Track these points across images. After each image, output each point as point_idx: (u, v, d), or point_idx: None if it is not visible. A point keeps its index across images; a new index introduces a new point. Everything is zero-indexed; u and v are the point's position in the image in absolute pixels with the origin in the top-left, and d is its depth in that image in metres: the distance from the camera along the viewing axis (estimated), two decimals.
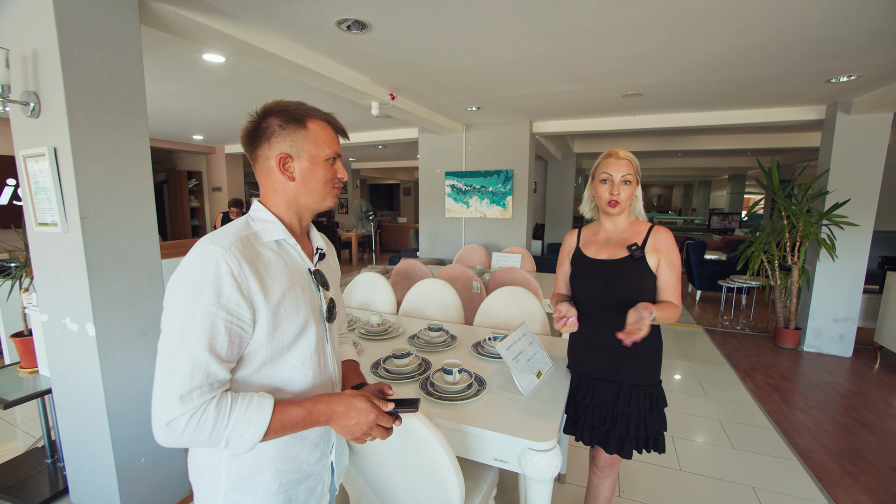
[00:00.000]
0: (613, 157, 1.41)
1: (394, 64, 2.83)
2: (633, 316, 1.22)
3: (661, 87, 3.31)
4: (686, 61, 2.72)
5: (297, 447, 0.83)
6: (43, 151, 1.52)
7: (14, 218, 4.67)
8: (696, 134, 6.26)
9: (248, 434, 0.69)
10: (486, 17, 2.11)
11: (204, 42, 2.16)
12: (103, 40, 1.54)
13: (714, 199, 14.21)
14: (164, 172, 8.11)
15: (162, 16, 1.83)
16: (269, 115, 0.84)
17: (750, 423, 2.64)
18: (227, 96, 3.85)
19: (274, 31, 2.27)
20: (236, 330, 0.72)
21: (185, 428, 0.66)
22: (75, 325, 1.61)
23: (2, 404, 1.76)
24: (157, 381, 0.67)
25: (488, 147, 5.04)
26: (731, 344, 4.10)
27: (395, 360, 1.66)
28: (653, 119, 4.32)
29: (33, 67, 1.51)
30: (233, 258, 0.72)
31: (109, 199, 1.58)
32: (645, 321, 1.19)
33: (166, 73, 3.14)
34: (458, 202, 5.34)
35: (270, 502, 0.80)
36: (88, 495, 1.79)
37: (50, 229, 1.58)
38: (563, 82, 3.23)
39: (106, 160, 1.57)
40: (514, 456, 1.23)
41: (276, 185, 0.86)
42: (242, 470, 0.79)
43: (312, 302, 0.87)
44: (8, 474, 2.07)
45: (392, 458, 1.10)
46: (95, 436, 1.67)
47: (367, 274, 2.74)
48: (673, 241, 1.39)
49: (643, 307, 1.21)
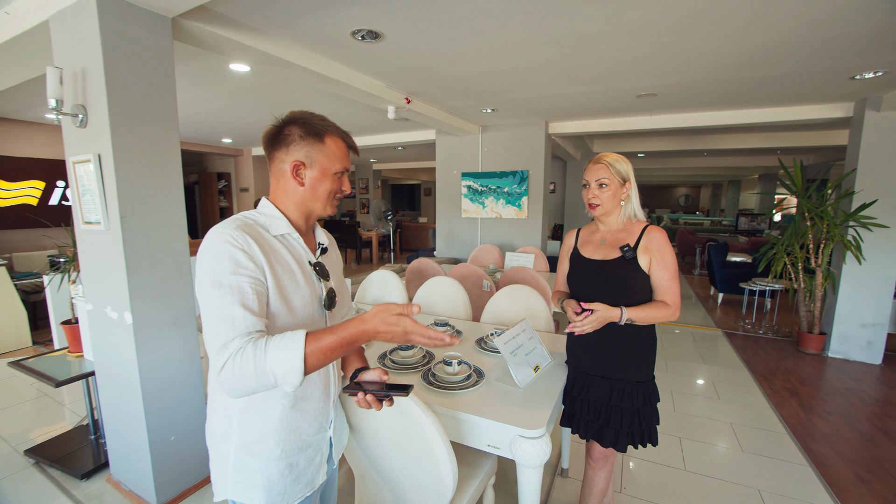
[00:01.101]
0: (593, 162, 1.47)
1: (408, 70, 2.94)
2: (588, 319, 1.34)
3: (676, 88, 3.28)
4: (698, 62, 2.70)
5: (298, 419, 0.94)
6: (89, 157, 1.70)
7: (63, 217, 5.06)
8: (720, 133, 6.11)
9: (287, 362, 0.74)
10: (493, 25, 2.18)
11: (230, 54, 2.33)
12: (141, 57, 1.71)
13: (744, 200, 13.71)
14: (196, 174, 8.54)
15: (192, 32, 1.99)
16: (292, 123, 0.94)
17: (762, 427, 2.61)
18: (253, 102, 4.07)
19: (294, 42, 2.42)
20: (259, 289, 0.83)
21: (232, 370, 0.74)
22: (115, 314, 1.79)
23: (53, 383, 1.97)
24: (208, 345, 0.78)
25: (504, 148, 5.10)
26: (750, 348, 4.01)
27: (401, 352, 1.76)
28: (670, 119, 4.27)
29: (82, 83, 1.69)
30: (238, 235, 0.84)
31: (144, 201, 1.75)
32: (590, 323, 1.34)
33: (197, 81, 3.36)
34: (475, 202, 5.41)
35: (274, 465, 0.91)
36: (126, 469, 1.98)
37: (94, 227, 1.76)
38: (576, 84, 3.26)
39: (142, 165, 1.74)
40: (506, 443, 1.30)
41: (287, 188, 0.96)
42: (249, 435, 0.90)
43: (313, 291, 0.97)
44: (57, 448, 2.29)
45: (390, 438, 1.20)
46: (132, 415, 1.85)
47: (381, 272, 2.86)
48: (665, 240, 1.43)
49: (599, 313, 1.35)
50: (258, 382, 0.76)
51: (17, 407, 2.86)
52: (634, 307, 1.37)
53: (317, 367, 0.78)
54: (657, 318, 1.38)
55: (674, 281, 1.41)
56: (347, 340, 0.80)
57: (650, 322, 1.40)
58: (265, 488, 0.90)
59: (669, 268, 1.41)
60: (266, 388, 0.77)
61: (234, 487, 0.91)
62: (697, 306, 5.53)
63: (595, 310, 1.34)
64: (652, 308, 1.38)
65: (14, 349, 3.86)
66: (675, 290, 1.41)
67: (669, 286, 1.41)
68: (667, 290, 1.41)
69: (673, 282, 1.41)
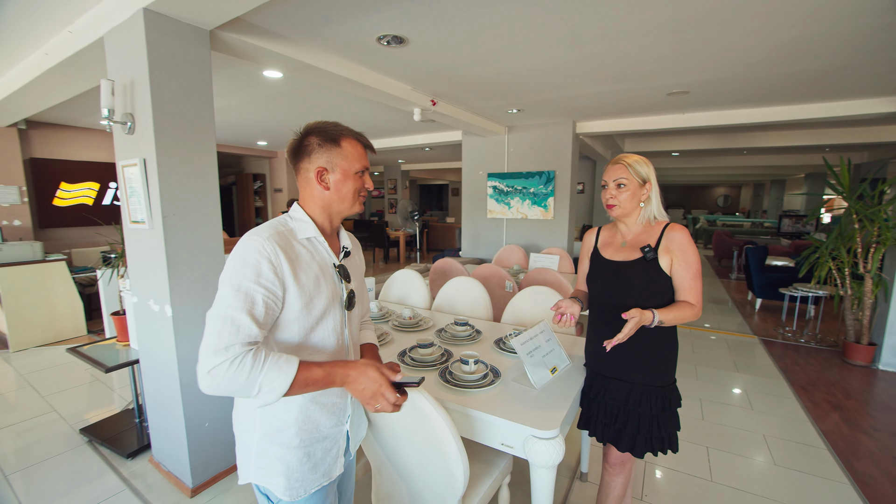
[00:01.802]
0: (612, 163, 1.45)
1: (432, 73, 2.98)
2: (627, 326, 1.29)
3: (708, 85, 3.16)
4: (729, 58, 2.60)
5: (317, 412, 1.00)
6: (135, 161, 1.84)
7: (114, 216, 5.45)
8: (760, 130, 5.80)
9: (277, 382, 0.82)
10: (514, 27, 2.19)
11: (263, 62, 2.45)
12: (182, 68, 1.84)
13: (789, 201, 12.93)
14: (234, 175, 8.96)
15: (229, 42, 2.12)
16: (310, 134, 1.00)
17: (798, 441, 2.48)
18: (286, 106, 4.24)
19: (323, 48, 2.52)
20: (270, 302, 0.88)
21: (226, 372, 0.79)
22: (157, 307, 1.93)
23: (103, 369, 2.15)
24: (206, 338, 0.83)
25: (530, 148, 5.06)
26: (790, 357, 3.80)
27: (420, 350, 1.81)
28: (704, 116, 4.10)
29: (131, 94, 1.83)
30: (270, 246, 0.90)
31: (184, 202, 1.88)
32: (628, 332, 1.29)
33: (233, 88, 3.55)
34: (500, 203, 5.40)
35: (292, 453, 0.97)
36: (165, 450, 2.13)
37: (140, 226, 1.91)
38: (601, 83, 3.20)
39: (182, 168, 1.87)
40: (519, 442, 1.32)
41: (314, 193, 1.02)
42: (271, 424, 0.96)
43: (335, 291, 1.03)
44: (106, 428, 2.49)
45: (404, 433, 1.24)
46: (171, 401, 1.99)
47: (404, 271, 2.92)
48: (687, 238, 1.39)
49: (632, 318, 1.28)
50: (240, 389, 0.81)
51: (74, 389, 3.12)
52: (664, 309, 1.34)
53: (297, 393, 0.86)
54: (684, 318, 1.35)
55: (696, 280, 1.38)
56: (331, 380, 0.90)
57: (677, 323, 1.37)
58: (285, 474, 0.96)
59: (692, 267, 1.37)
60: (243, 396, 0.83)
61: (257, 472, 0.98)
62: (733, 312, 5.28)
63: (631, 317, 1.28)
64: (679, 309, 1.35)
65: (72, 337, 4.21)
66: (698, 289, 1.38)
67: (692, 286, 1.37)
68: (690, 289, 1.37)
69: (696, 281, 1.38)
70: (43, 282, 4.02)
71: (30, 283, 3.93)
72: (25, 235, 4.63)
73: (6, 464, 2.25)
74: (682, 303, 1.37)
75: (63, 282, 4.14)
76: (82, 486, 2.07)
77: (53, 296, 4.08)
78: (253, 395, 0.82)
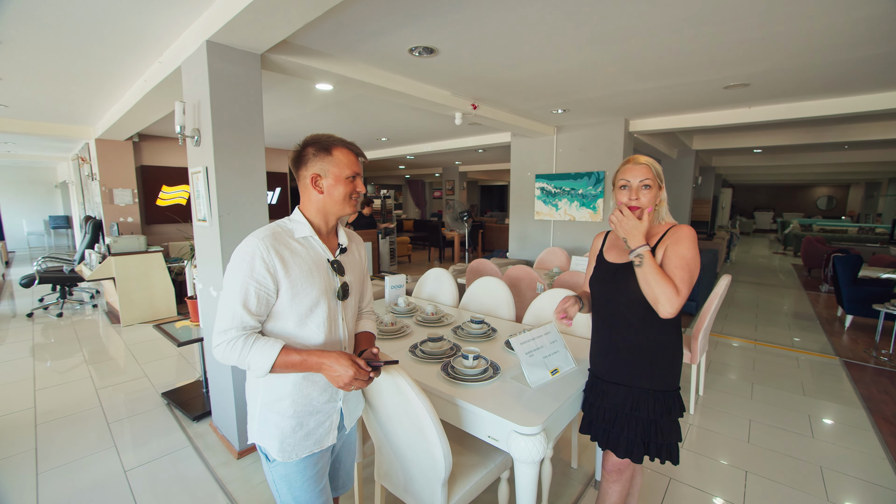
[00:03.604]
0: (632, 162, 1.43)
1: (466, 78, 3.07)
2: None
3: (772, 75, 2.86)
4: (792, 45, 2.35)
5: (309, 388, 1.15)
6: (200, 169, 2.18)
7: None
8: (860, 121, 5.04)
9: (261, 362, 1.01)
10: (541, 31, 2.20)
11: (311, 77, 2.72)
12: (237, 89, 2.14)
13: None
14: None
15: (279, 63, 2.40)
16: (307, 145, 1.16)
17: (866, 479, 2.17)
18: (340, 114, 4.59)
19: (361, 62, 2.73)
20: (262, 294, 1.06)
21: (224, 350, 1.02)
22: (215, 293, 2.26)
23: (176, 343, 2.55)
24: (216, 321, 1.06)
25: (579, 148, 4.92)
26: (880, 384, 3.29)
27: (430, 343, 1.92)
28: (775, 110, 3.69)
29: (198, 112, 2.17)
30: (263, 245, 1.07)
31: (236, 203, 2.19)
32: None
33: (293, 101, 3.94)
34: (548, 205, 5.32)
35: (287, 421, 1.13)
36: (220, 417, 2.47)
37: (203, 224, 2.25)
38: (647, 79, 3.05)
39: (235, 174, 2.17)
40: (504, 436, 1.37)
41: (310, 197, 1.18)
42: (270, 394, 1.13)
43: (328, 283, 1.17)
44: (181, 394, 2.94)
45: (395, 415, 1.36)
46: (223, 376, 2.31)
47: (436, 270, 3.05)
48: (687, 235, 1.33)
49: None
50: (236, 363, 1.04)
51: (162, 360, 3.70)
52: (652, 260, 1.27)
53: (281, 372, 1.06)
54: (659, 287, 1.25)
55: (682, 270, 1.28)
56: (307, 365, 1.05)
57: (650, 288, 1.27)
58: (279, 438, 1.13)
59: (682, 258, 1.29)
60: (242, 368, 1.05)
61: (258, 434, 1.16)
62: (816, 329, 4.66)
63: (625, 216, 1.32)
64: (663, 275, 1.25)
65: (165, 317, 4.95)
66: (682, 278, 1.27)
67: (675, 273, 1.27)
68: (671, 275, 1.27)
69: (681, 270, 1.28)
70: (146, 269, 4.78)
71: (136, 271, 4.71)
72: (135, 230, 5.54)
73: (110, 413, 2.77)
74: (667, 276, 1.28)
75: (160, 270, 4.90)
76: (158, 438, 2.48)
77: (153, 281, 4.84)
78: (246, 369, 1.02)
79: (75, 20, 2.09)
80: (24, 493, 2.03)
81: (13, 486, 2.09)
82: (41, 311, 5.18)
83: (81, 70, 2.88)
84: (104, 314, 5.15)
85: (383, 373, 1.28)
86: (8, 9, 1.94)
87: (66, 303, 5.38)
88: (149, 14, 2.04)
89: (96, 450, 2.38)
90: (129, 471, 2.20)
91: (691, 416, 2.75)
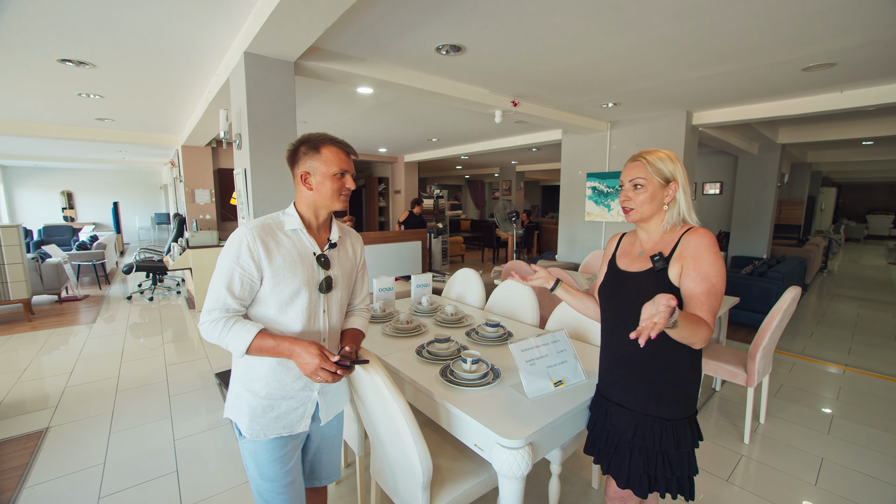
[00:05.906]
0: (630, 160, 1.29)
1: (502, 74, 2.99)
2: (649, 309, 0.94)
3: (864, 51, 2.40)
4: (887, 9, 1.95)
5: (283, 373, 1.20)
6: (241, 171, 2.37)
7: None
8: None
9: (238, 343, 1.07)
10: (564, 19, 2.07)
11: (348, 82, 2.84)
12: (272, 95, 2.30)
13: None
14: (363, 179, 10.24)
15: (313, 69, 2.53)
16: (300, 143, 1.21)
17: None
18: (387, 116, 4.73)
19: (392, 63, 2.78)
20: (246, 280, 1.13)
21: (207, 328, 1.09)
22: None
23: None
24: (205, 302, 1.13)
25: (635, 144, 4.56)
26: None
27: (437, 344, 1.89)
28: (878, 92, 3.08)
29: (238, 118, 2.37)
30: (251, 235, 1.13)
31: (270, 202, 2.35)
32: (661, 314, 0.90)
33: (339, 105, 4.14)
34: (599, 205, 5.01)
35: (258, 402, 1.19)
36: None
37: (243, 221, 2.45)
38: (702, 66, 2.73)
39: (270, 175, 2.33)
40: (489, 446, 1.31)
41: (302, 193, 1.23)
42: (248, 374, 1.20)
43: (311, 276, 1.21)
44: (229, 376, 3.24)
45: (376, 414, 1.36)
46: None
47: (465, 270, 3.02)
48: (706, 244, 1.15)
49: (662, 297, 0.93)
50: (217, 343, 1.11)
51: None
52: (685, 314, 1.01)
53: (256, 355, 1.11)
54: (692, 335, 1.03)
55: (711, 298, 1.10)
56: (280, 350, 1.10)
57: (684, 339, 1.05)
58: (249, 416, 1.19)
59: (708, 278, 1.11)
60: (224, 347, 1.11)
61: (232, 409, 1.23)
62: None
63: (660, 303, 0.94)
64: (696, 323, 1.03)
65: None
66: (711, 308, 1.11)
67: (706, 301, 1.10)
68: (701, 305, 1.09)
69: (710, 298, 1.10)
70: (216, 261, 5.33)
71: (208, 262, 5.27)
72: (212, 227, 6.21)
73: (173, 388, 3.13)
74: (699, 318, 1.08)
75: None
76: (204, 414, 2.75)
77: None
78: (225, 347, 1.09)
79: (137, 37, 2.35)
80: (97, 448, 2.38)
81: (91, 441, 2.45)
82: (138, 295, 6.01)
83: (158, 85, 3.29)
84: (185, 300, 5.84)
85: (363, 371, 1.29)
86: (95, 34, 2.28)
87: (156, 289, 6.18)
88: (197, 32, 2.26)
89: (156, 419, 2.70)
90: (178, 440, 2.46)
91: (745, 445, 2.41)
